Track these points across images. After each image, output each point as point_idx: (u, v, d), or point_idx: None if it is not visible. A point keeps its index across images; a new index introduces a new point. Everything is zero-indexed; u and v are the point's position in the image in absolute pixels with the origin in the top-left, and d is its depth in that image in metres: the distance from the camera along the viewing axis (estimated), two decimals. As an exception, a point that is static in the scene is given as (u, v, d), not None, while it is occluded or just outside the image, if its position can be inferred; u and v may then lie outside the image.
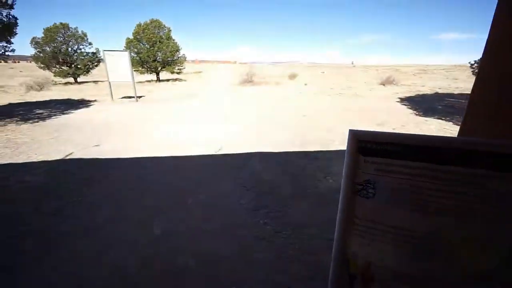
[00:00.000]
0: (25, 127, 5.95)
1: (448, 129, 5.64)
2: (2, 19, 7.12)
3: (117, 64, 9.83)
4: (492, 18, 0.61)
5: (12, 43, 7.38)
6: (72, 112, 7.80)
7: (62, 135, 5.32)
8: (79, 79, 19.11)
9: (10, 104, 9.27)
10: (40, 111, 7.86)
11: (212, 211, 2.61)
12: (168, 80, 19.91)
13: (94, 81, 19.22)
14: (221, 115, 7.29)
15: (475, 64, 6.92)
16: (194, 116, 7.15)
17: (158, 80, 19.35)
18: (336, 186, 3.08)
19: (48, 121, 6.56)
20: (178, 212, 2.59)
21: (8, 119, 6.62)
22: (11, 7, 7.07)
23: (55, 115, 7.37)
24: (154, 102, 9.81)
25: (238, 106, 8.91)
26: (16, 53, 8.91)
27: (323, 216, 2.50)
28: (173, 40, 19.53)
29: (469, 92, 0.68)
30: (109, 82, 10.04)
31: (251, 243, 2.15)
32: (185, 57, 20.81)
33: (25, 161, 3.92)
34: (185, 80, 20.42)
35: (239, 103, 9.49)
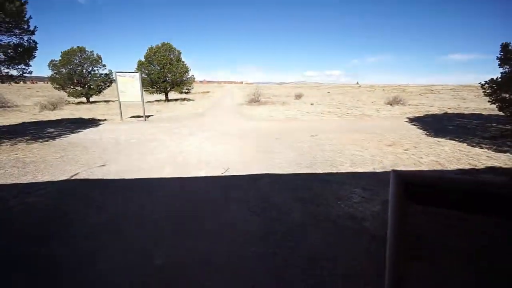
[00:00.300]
0: (35, 146, 6.01)
1: (463, 150, 5.41)
2: (23, 43, 7.50)
3: (128, 85, 10.15)
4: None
5: (30, 66, 7.70)
6: (81, 131, 7.91)
7: (70, 154, 5.33)
8: (91, 99, 19.79)
9: (23, 123, 9.54)
10: (51, 130, 8.01)
11: (218, 238, 2.44)
12: (176, 99, 20.39)
13: (106, 101, 19.86)
14: (228, 134, 7.27)
15: (486, 85, 6.80)
16: (201, 136, 7.13)
17: (167, 99, 19.84)
18: (349, 212, 2.88)
19: (57, 140, 6.64)
20: (182, 240, 2.43)
21: (20, 138, 6.74)
22: (32, 33, 7.49)
23: (65, 134, 7.48)
24: (162, 122, 9.93)
25: (245, 125, 8.91)
26: (34, 74, 9.31)
27: (337, 246, 2.30)
28: (183, 62, 20.28)
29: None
30: (119, 102, 10.29)
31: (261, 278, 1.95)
32: (194, 78, 21.45)
33: (30, 181, 3.88)
34: (193, 100, 20.88)
35: (246, 123, 9.51)
